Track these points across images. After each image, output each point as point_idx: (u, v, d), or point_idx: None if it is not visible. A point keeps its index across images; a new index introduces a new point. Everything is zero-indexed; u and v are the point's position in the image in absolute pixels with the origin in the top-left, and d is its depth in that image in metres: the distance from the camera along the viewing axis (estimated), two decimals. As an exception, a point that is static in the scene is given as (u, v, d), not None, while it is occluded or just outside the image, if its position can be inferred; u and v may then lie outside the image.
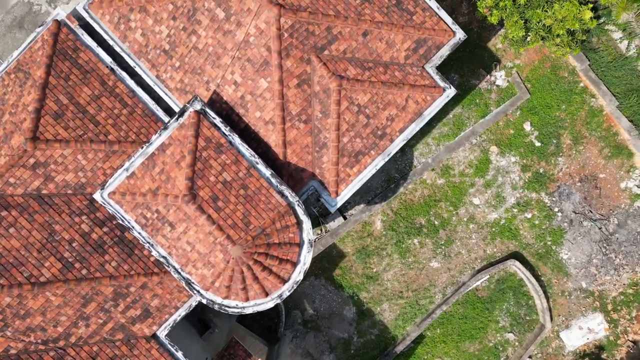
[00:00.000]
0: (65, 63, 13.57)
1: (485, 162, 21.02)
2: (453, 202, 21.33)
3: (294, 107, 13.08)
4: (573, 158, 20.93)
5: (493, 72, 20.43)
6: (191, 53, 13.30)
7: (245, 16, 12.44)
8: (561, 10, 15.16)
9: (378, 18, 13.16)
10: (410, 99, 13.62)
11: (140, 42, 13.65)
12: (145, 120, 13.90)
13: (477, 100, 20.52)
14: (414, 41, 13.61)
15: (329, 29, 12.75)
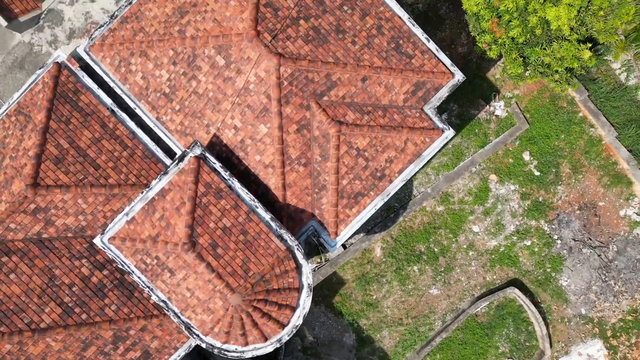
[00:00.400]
0: (66, 106, 13.64)
1: (484, 190, 21.08)
2: (452, 229, 21.37)
3: (294, 151, 13.14)
4: (572, 186, 20.98)
5: (492, 102, 20.50)
6: (191, 97, 13.36)
7: (245, 64, 12.51)
8: (560, 49, 15.22)
9: (377, 63, 13.23)
10: (409, 141, 13.68)
11: (140, 84, 13.72)
12: (145, 162, 13.96)
13: (476, 130, 20.58)
14: (412, 84, 13.67)
15: (328, 75, 12.82)
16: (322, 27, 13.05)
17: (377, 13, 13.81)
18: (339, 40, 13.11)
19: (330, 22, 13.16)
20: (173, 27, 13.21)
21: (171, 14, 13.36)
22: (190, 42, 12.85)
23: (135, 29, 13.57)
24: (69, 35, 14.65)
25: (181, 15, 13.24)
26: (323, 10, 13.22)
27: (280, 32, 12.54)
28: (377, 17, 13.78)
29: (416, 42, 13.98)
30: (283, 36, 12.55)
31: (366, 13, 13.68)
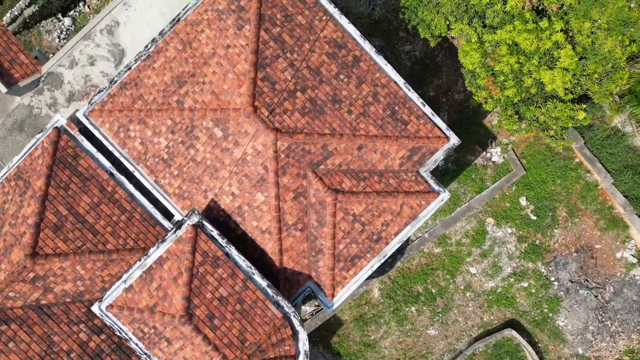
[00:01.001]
0: (65, 172, 13.78)
1: (481, 233, 21.21)
2: (450, 270, 21.49)
3: (291, 218, 13.27)
4: (569, 230, 21.10)
5: (489, 148, 20.66)
6: (189, 164, 13.51)
7: (243, 137, 12.67)
8: (554, 110, 15.37)
9: (373, 132, 13.38)
10: (405, 205, 13.81)
11: (139, 149, 13.86)
12: (144, 225, 14.08)
13: (473, 175, 20.73)
14: (408, 150, 13.82)
15: (325, 146, 12.97)
16: (319, 98, 13.20)
17: (373, 80, 13.97)
18: (335, 110, 13.26)
19: (326, 92, 13.31)
20: (171, 96, 13.36)
21: (170, 83, 13.51)
22: (188, 113, 13.01)
23: (134, 96, 13.73)
24: (69, 98, 14.81)
25: (179, 85, 13.40)
26: (320, 80, 13.37)
27: (277, 106, 12.70)
28: (373, 83, 13.93)
29: (412, 107, 14.12)
30: (280, 110, 12.70)
31: (362, 80, 13.84)
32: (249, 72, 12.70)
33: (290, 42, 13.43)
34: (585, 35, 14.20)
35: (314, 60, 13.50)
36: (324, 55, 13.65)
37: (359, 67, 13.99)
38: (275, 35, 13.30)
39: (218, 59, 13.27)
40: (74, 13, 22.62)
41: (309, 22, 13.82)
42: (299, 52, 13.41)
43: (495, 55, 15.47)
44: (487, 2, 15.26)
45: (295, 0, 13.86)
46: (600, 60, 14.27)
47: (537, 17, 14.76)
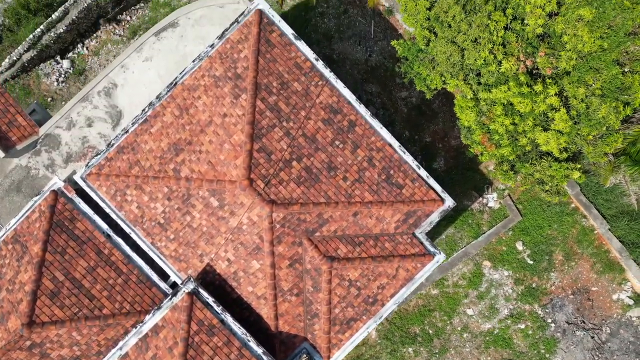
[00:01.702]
0: (62, 236, 13.84)
1: (478, 275, 21.26)
2: (447, 311, 21.52)
3: (286, 284, 13.33)
4: (565, 273, 21.16)
5: (485, 193, 20.74)
6: (185, 229, 13.58)
7: (239, 208, 12.74)
8: (549, 169, 15.45)
9: (368, 198, 13.46)
10: (401, 268, 13.89)
11: (136, 213, 13.94)
12: (140, 287, 14.14)
13: (469, 220, 20.80)
14: (403, 214, 13.89)
15: (320, 214, 13.04)
16: (314, 166, 13.28)
17: (368, 144, 14.06)
18: (330, 178, 13.34)
19: (322, 160, 13.40)
20: (168, 164, 13.45)
21: (166, 150, 13.59)
22: (184, 183, 13.09)
23: (131, 161, 13.81)
24: (66, 159, 14.89)
25: (176, 153, 13.48)
26: (315, 147, 13.46)
27: (273, 177, 12.78)
28: (368, 148, 14.02)
29: (407, 171, 14.21)
30: (276, 181, 12.79)
31: (357, 145, 13.92)
32: (245, 143, 12.79)
33: (286, 110, 13.52)
34: (580, 99, 14.29)
35: (309, 128, 13.59)
36: (319, 122, 13.74)
37: (355, 131, 14.07)
38: (271, 104, 13.40)
39: (215, 128, 13.36)
40: (72, 55, 22.69)
41: (305, 88, 13.92)
42: (295, 120, 13.50)
43: (490, 114, 15.56)
44: (481, 62, 15.36)
45: (291, 67, 13.96)
46: (595, 125, 14.36)
47: (532, 80, 14.85)
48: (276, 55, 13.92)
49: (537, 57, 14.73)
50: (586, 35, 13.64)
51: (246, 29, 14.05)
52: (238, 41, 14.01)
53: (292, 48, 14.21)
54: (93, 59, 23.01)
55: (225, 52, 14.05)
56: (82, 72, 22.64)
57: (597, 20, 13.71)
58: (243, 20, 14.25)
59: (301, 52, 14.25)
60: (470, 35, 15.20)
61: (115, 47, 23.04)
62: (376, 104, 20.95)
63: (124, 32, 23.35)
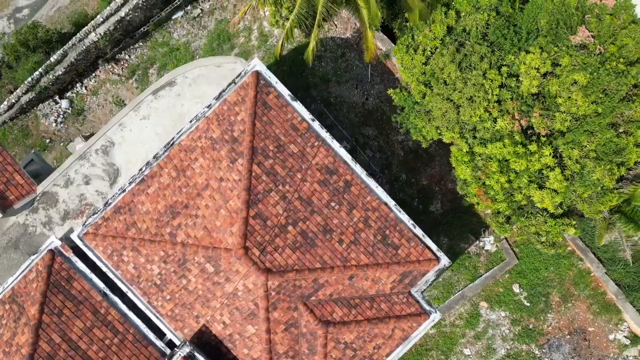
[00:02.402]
0: (59, 296, 13.89)
1: (475, 316, 21.30)
2: (444, 351, 21.53)
3: (282, 347, 13.37)
4: (562, 314, 21.20)
5: (482, 237, 20.80)
6: (182, 291, 13.62)
7: (234, 275, 12.80)
8: (545, 225, 15.52)
9: (364, 261, 13.52)
10: (397, 328, 13.93)
11: (132, 273, 13.99)
12: (136, 347, 14.16)
13: (466, 263, 20.87)
14: (399, 274, 13.96)
15: (316, 279, 13.11)
16: (310, 229, 13.35)
17: (364, 204, 14.13)
18: (326, 241, 13.41)
19: (317, 223, 13.47)
20: (165, 227, 13.51)
21: (163, 212, 13.66)
22: (180, 248, 13.16)
23: (127, 223, 13.87)
24: (63, 216, 14.97)
25: (173, 216, 13.55)
26: (311, 210, 13.53)
27: (269, 244, 12.84)
28: (364, 208, 14.09)
29: (402, 230, 14.28)
30: (271, 248, 12.85)
31: (353, 206, 14.00)
32: (241, 210, 12.86)
33: (282, 173, 13.60)
34: (574, 160, 14.37)
35: (305, 190, 13.67)
36: (315, 184, 13.81)
37: (350, 191, 14.15)
38: (267, 168, 13.48)
39: (211, 192, 13.43)
40: (71, 94, 22.78)
41: (301, 149, 14.00)
42: (290, 184, 13.58)
43: (486, 169, 15.64)
44: (477, 119, 15.45)
45: (288, 129, 14.05)
46: (589, 185, 14.44)
47: (527, 139, 14.93)
48: (273, 117, 14.00)
49: (532, 117, 14.82)
50: (580, 99, 13.73)
51: (243, 91, 14.14)
52: (235, 103, 14.10)
53: (288, 109, 14.30)
54: (92, 99, 23.11)
55: (222, 113, 14.14)
56: (80, 112, 22.72)
57: (592, 85, 13.80)
58: (240, 81, 14.35)
59: (298, 113, 14.34)
60: (465, 93, 15.30)
61: (114, 87, 23.14)
62: (373, 147, 21.04)
63: (122, 72, 23.45)
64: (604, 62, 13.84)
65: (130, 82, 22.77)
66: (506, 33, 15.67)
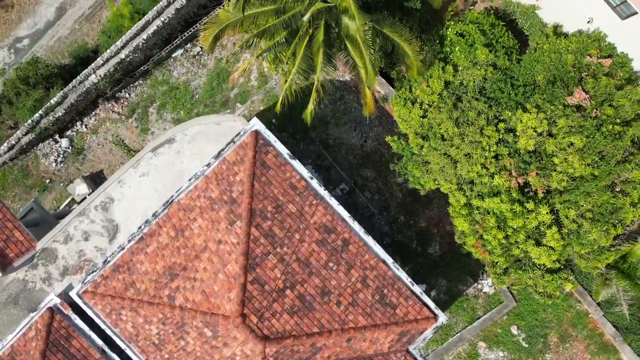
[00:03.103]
0: (58, 355, 13.96)
1: (474, 356, 21.33)
2: (442, 390, 21.54)
3: (280, 409, 13.39)
4: (560, 354, 21.23)
5: (480, 279, 20.87)
6: (180, 352, 13.68)
7: (232, 340, 12.85)
8: (542, 280, 15.60)
9: (362, 322, 13.58)
10: (394, 386, 13.94)
11: (130, 331, 14.04)
12: (135, 404, 14.17)
13: (464, 305, 20.91)
14: (397, 334, 14.00)
15: (314, 344, 13.16)
16: (308, 292, 13.42)
17: (362, 262, 14.20)
18: (324, 304, 13.47)
19: (315, 285, 13.54)
20: (163, 289, 13.57)
21: (162, 273, 13.73)
22: (179, 312, 13.22)
23: (126, 282, 13.93)
24: (63, 272, 15.04)
25: (171, 278, 13.62)
26: (309, 272, 13.60)
27: (266, 309, 12.90)
28: (362, 267, 14.16)
29: (400, 288, 14.34)
30: (269, 314, 12.91)
31: (351, 265, 14.07)
32: (239, 276, 12.93)
33: (280, 234, 13.68)
34: (571, 219, 14.45)
35: (303, 251, 13.74)
36: (313, 244, 13.89)
37: (348, 250, 14.23)
38: (266, 230, 13.55)
39: (210, 255, 13.51)
40: (71, 133, 22.85)
41: (300, 209, 14.08)
42: (289, 245, 13.65)
43: (483, 224, 15.71)
44: (474, 175, 15.54)
45: (286, 188, 14.14)
46: (586, 244, 14.51)
47: (524, 196, 15.01)
48: (271, 177, 14.09)
49: (528, 175, 14.91)
50: (577, 162, 13.81)
51: (242, 151, 14.24)
52: (234, 163, 14.19)
53: (287, 168, 14.39)
54: (92, 137, 23.19)
55: (221, 173, 14.22)
56: (80, 151, 22.79)
57: (588, 148, 13.89)
58: (239, 140, 14.44)
59: (296, 172, 14.43)
60: (463, 149, 15.39)
61: (114, 126, 23.22)
62: (371, 189, 21.12)
63: (122, 110, 23.54)
64: (600, 125, 13.94)
65: (130, 121, 22.86)
66: (503, 87, 15.79)
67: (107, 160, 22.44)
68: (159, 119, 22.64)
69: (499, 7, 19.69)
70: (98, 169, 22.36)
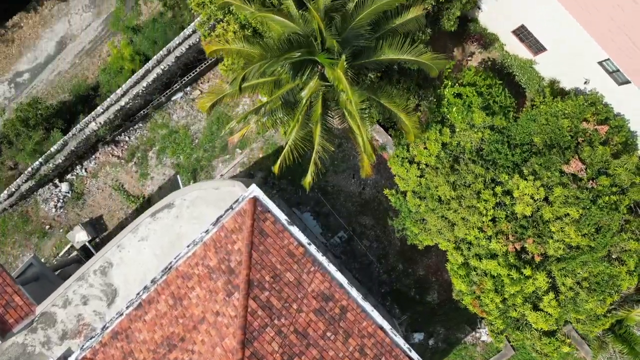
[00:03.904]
0: None
1: (472, 402, 21.35)
2: None
3: None
4: (559, 401, 21.25)
5: (478, 327, 20.89)
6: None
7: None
8: (540, 342, 15.65)
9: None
10: None
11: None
12: None
13: (462, 353, 20.93)
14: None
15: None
16: (306, 365, 13.48)
17: (359, 330, 14.25)
18: (322, 378, 13.53)
19: (313, 357, 13.59)
20: (161, 360, 13.65)
21: (160, 343, 13.80)
22: (176, 386, 13.30)
23: (124, 351, 13.99)
24: (62, 336, 15.10)
25: (169, 349, 13.68)
26: (307, 344, 13.65)
27: (264, 387, 13.00)
28: (360, 335, 14.21)
29: (398, 355, 14.39)
30: (266, 393, 13.00)
31: (349, 334, 14.12)
32: (237, 351, 12.97)
33: (278, 305, 13.74)
34: (568, 287, 14.51)
35: (301, 322, 13.80)
36: (311, 314, 13.94)
37: (346, 318, 14.28)
38: (263, 301, 13.62)
39: (207, 327, 13.57)
40: (71, 177, 22.94)
41: (297, 277, 14.15)
42: (286, 316, 13.71)
43: (481, 285, 15.77)
44: (472, 238, 15.61)
45: (284, 256, 14.21)
46: (582, 312, 14.57)
47: (521, 262, 15.06)
48: (269, 245, 14.17)
49: (526, 241, 14.97)
50: (573, 233, 13.88)
51: (240, 218, 14.32)
52: (232, 230, 14.27)
53: (285, 235, 14.47)
54: (92, 182, 23.27)
55: (219, 240, 14.30)
56: (80, 195, 22.86)
57: (584, 220, 13.97)
58: (237, 207, 14.53)
59: (294, 239, 14.50)
60: (460, 213, 15.46)
61: (114, 170, 23.29)
62: (370, 236, 21.19)
63: (122, 154, 23.63)
64: (596, 197, 14.02)
65: (129, 166, 22.95)
66: (500, 147, 15.86)
67: (107, 205, 22.52)
68: (158, 164, 22.73)
69: (497, 59, 19.79)
70: (98, 214, 22.43)
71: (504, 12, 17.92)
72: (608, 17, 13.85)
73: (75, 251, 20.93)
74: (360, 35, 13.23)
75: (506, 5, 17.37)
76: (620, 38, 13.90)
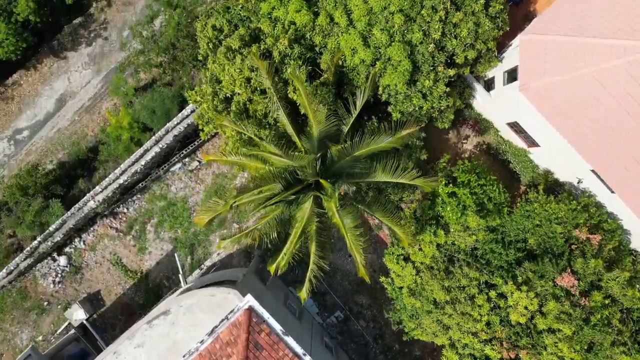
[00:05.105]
0: None
1: None
2: None
3: None
4: None
5: (474, 408, 21.00)
6: None
7: None
8: None
9: None
10: None
11: None
12: None
13: None
14: None
15: None
16: None
17: None
18: None
19: None
20: None
21: None
22: None
23: None
24: None
25: None
26: None
27: None
28: None
29: None
30: None
31: None
32: None
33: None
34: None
35: None
36: None
37: None
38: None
39: None
40: (69, 250, 23.05)
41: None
42: None
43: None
44: (467, 342, 15.72)
45: (278, 369, 14.31)
46: None
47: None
48: (264, 359, 14.27)
49: (520, 351, 15.08)
50: (566, 349, 14.00)
51: (235, 330, 14.43)
52: (227, 343, 14.38)
53: (280, 346, 14.57)
54: (90, 254, 23.37)
55: (214, 352, 14.41)
56: (78, 269, 22.95)
57: (577, 337, 14.08)
58: (233, 317, 14.64)
59: (289, 349, 14.60)
60: (455, 318, 15.58)
61: (112, 243, 23.39)
62: (366, 316, 21.27)
63: (120, 226, 23.75)
64: (589, 314, 14.13)
65: (127, 239, 23.07)
66: (495, 247, 16.00)
67: (105, 280, 22.62)
68: (156, 238, 22.86)
69: (492, 144, 19.93)
70: (95, 289, 22.54)
71: (497, 108, 18.11)
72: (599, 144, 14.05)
73: (72, 329, 21.01)
74: (355, 163, 13.43)
75: (499, 103, 17.55)
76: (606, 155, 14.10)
